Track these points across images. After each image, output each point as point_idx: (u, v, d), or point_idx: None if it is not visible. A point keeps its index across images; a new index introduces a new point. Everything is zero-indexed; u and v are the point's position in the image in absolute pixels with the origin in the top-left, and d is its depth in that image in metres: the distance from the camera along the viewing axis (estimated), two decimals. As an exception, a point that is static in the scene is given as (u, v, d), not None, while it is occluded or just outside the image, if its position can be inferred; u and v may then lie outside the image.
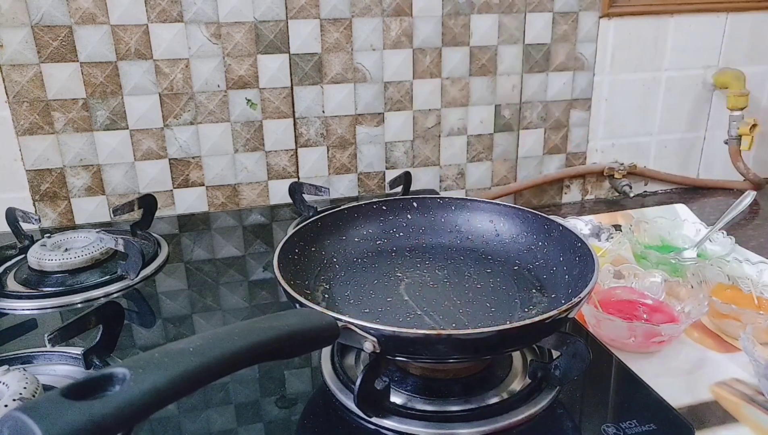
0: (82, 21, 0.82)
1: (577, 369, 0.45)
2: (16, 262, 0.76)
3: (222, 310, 0.66)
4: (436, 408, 0.48)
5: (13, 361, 0.54)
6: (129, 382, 0.27)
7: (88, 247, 0.73)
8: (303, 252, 0.58)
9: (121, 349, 0.57)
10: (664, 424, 0.46)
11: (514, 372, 0.52)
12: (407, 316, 0.52)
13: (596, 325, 0.60)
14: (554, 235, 0.58)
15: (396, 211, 0.66)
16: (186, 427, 0.47)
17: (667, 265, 0.72)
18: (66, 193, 0.90)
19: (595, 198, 1.15)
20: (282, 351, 0.35)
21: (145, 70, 0.87)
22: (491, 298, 0.55)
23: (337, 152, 0.99)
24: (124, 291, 0.69)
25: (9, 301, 0.66)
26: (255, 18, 0.88)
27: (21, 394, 0.44)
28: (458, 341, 0.41)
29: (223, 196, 0.97)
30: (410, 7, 0.93)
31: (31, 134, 0.85)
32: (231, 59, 0.89)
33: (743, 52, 1.10)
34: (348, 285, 0.58)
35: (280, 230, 0.89)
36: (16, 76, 0.82)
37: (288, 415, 0.49)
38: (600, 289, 0.65)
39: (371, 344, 0.41)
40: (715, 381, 0.55)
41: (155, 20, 0.85)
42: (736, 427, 0.49)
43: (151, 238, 0.81)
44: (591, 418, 0.48)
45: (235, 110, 0.92)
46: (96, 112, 0.87)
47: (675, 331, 0.58)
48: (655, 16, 1.04)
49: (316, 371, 0.53)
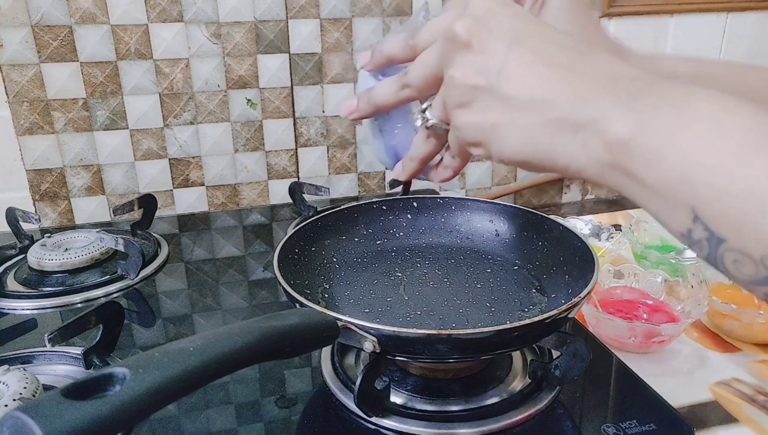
0: (82, 21, 0.82)
1: (577, 369, 0.45)
2: (16, 262, 0.76)
3: (222, 310, 0.66)
4: (436, 408, 0.48)
5: (13, 361, 0.54)
6: (129, 382, 0.27)
7: (88, 247, 0.73)
8: (303, 252, 0.58)
9: (121, 349, 0.57)
10: (664, 424, 0.46)
11: (514, 372, 0.52)
12: (407, 316, 0.52)
13: (596, 325, 0.60)
14: (554, 235, 0.58)
15: (396, 211, 0.66)
16: (186, 427, 0.47)
17: (667, 265, 0.72)
18: (66, 193, 0.90)
19: (595, 198, 1.15)
20: (282, 351, 0.35)
21: (145, 70, 0.87)
22: (491, 298, 0.55)
23: (338, 152, 0.99)
24: (124, 291, 0.69)
25: (9, 301, 0.66)
26: (255, 18, 0.88)
27: (21, 394, 0.44)
28: (458, 341, 0.41)
29: (223, 196, 0.97)
30: (410, 7, 0.93)
31: (31, 134, 0.85)
32: (231, 59, 0.89)
33: (743, 52, 1.10)
34: (348, 285, 0.58)
35: (280, 230, 0.89)
36: (16, 75, 0.82)
37: (288, 415, 0.49)
38: (600, 289, 0.65)
39: (371, 344, 0.41)
40: (715, 381, 0.55)
41: (155, 20, 0.85)
42: (736, 427, 0.49)
43: (151, 238, 0.81)
44: (591, 418, 0.48)
45: (235, 110, 0.92)
46: (96, 112, 0.87)
47: (675, 331, 0.58)
48: (655, 16, 1.04)
49: (316, 371, 0.53)
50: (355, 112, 0.41)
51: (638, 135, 0.29)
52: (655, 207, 0.29)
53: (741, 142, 0.26)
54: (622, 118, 0.29)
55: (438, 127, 0.38)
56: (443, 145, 0.41)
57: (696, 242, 0.28)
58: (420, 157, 0.42)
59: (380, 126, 0.43)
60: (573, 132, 0.31)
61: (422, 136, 0.40)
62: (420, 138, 0.41)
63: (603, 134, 0.30)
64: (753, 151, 0.25)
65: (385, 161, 0.46)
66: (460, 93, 0.34)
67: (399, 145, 0.43)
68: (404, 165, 0.43)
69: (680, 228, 0.28)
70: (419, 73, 0.37)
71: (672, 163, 0.27)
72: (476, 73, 0.33)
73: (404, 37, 0.39)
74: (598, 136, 0.30)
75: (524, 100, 0.32)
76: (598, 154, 0.30)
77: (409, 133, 0.43)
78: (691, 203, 0.27)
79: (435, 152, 0.41)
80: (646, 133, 0.28)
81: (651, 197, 0.29)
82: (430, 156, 0.42)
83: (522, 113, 0.33)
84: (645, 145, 0.28)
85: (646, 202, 0.30)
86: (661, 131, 0.28)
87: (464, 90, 0.34)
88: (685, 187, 0.27)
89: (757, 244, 0.25)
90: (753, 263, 0.26)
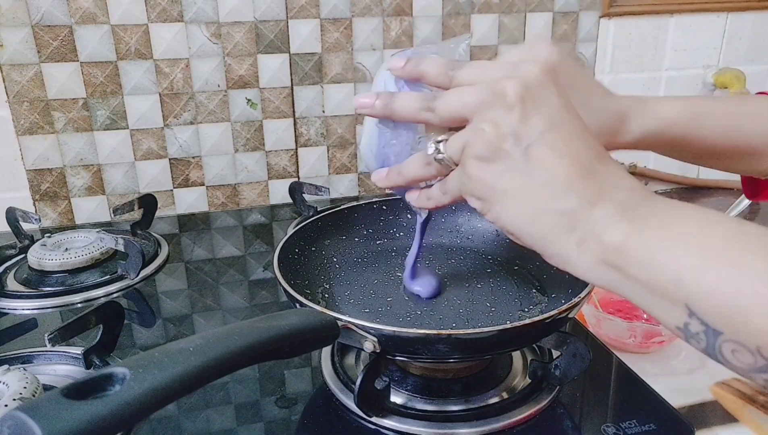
0: (82, 21, 0.82)
1: (577, 369, 0.45)
2: (16, 261, 0.76)
3: (222, 310, 0.66)
4: (436, 408, 0.48)
5: (13, 360, 0.54)
6: (129, 382, 0.27)
7: (88, 247, 0.73)
8: (303, 252, 0.58)
9: (121, 349, 0.57)
10: (664, 424, 0.46)
11: (514, 372, 0.52)
12: (407, 316, 0.52)
13: (596, 325, 0.60)
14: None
15: (396, 211, 0.66)
16: (186, 427, 0.47)
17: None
18: (66, 192, 0.90)
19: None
20: (282, 351, 0.35)
21: (145, 70, 0.87)
22: (491, 298, 0.55)
23: (338, 152, 0.99)
24: (124, 291, 0.69)
25: (9, 301, 0.66)
26: (255, 18, 0.88)
27: (21, 394, 0.44)
28: (458, 341, 0.41)
29: (223, 196, 0.97)
30: (410, 7, 0.93)
31: (31, 134, 0.85)
32: (231, 59, 0.89)
33: (743, 52, 1.10)
34: (348, 285, 0.58)
35: (280, 230, 0.89)
36: (16, 75, 0.82)
37: (288, 415, 0.49)
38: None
39: (371, 344, 0.41)
40: (715, 381, 0.55)
41: (155, 20, 0.85)
42: (736, 427, 0.49)
43: (151, 237, 0.81)
44: (591, 417, 0.48)
45: (236, 110, 0.92)
46: (96, 111, 0.87)
47: (675, 331, 0.58)
48: (655, 15, 1.04)
49: (316, 371, 0.53)
50: (369, 108, 0.41)
51: (633, 240, 0.32)
52: (648, 303, 0.32)
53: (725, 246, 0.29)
54: (619, 224, 0.32)
55: (447, 163, 0.38)
56: (437, 177, 0.41)
57: (693, 335, 0.30)
58: (410, 176, 0.42)
59: (382, 129, 0.43)
60: (573, 227, 0.33)
61: (423, 160, 0.40)
62: (419, 161, 0.41)
63: (600, 236, 0.32)
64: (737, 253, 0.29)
65: (369, 162, 0.46)
66: (485, 148, 0.35)
67: (391, 154, 0.43)
68: (389, 174, 0.43)
69: (677, 322, 0.31)
70: (450, 108, 0.37)
71: (664, 265, 0.30)
72: (508, 138, 0.34)
73: (445, 63, 0.39)
74: (595, 237, 0.33)
75: (542, 182, 0.34)
76: (593, 252, 0.33)
77: (407, 147, 0.43)
78: (685, 300, 0.30)
79: (427, 179, 0.42)
80: (640, 239, 0.31)
81: (646, 295, 0.32)
82: (420, 180, 0.42)
83: (534, 193, 0.34)
84: (639, 249, 0.31)
85: (640, 298, 0.32)
86: (653, 237, 0.31)
87: (490, 147, 0.35)
88: (678, 286, 0.30)
89: (752, 336, 0.27)
90: (750, 353, 0.28)
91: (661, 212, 0.32)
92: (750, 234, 0.29)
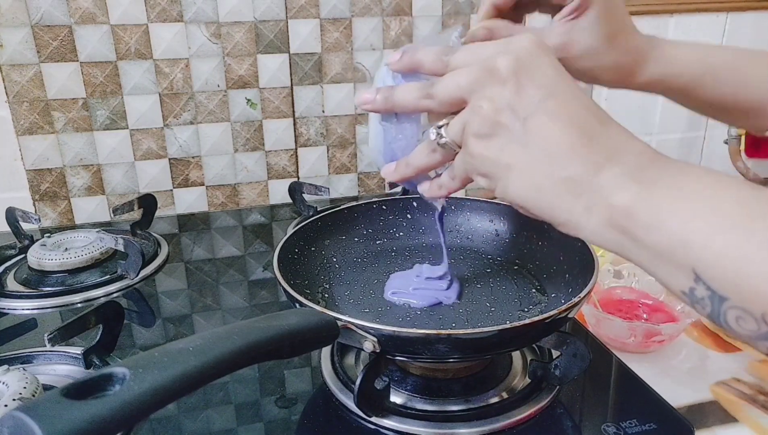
0: (82, 21, 0.82)
1: (577, 369, 0.45)
2: (16, 261, 0.76)
3: (222, 310, 0.66)
4: (436, 408, 0.48)
5: (13, 360, 0.54)
6: (129, 382, 0.27)
7: (88, 247, 0.73)
8: (303, 252, 0.58)
9: (121, 348, 0.57)
10: (664, 424, 0.46)
11: (514, 372, 0.52)
12: (407, 316, 0.52)
13: (596, 325, 0.60)
14: (554, 235, 0.58)
15: (396, 211, 0.66)
16: (186, 427, 0.47)
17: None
18: (66, 192, 0.90)
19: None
20: (282, 351, 0.35)
21: (145, 70, 0.87)
22: (491, 298, 0.55)
23: (337, 152, 0.99)
24: (124, 291, 0.69)
25: (9, 301, 0.66)
26: (255, 18, 0.88)
27: (21, 394, 0.44)
28: (458, 341, 0.41)
29: (223, 196, 0.97)
30: (410, 7, 0.93)
31: (31, 134, 0.85)
32: (231, 59, 0.89)
33: (743, 52, 1.10)
34: (348, 285, 0.58)
35: (280, 230, 0.89)
36: (15, 75, 0.82)
37: (288, 415, 0.49)
38: (600, 289, 0.65)
39: (371, 344, 0.41)
40: (715, 381, 0.55)
41: (155, 20, 0.85)
42: (736, 427, 0.49)
43: (151, 237, 0.81)
44: (591, 417, 0.48)
45: (235, 110, 0.92)
46: (96, 111, 0.87)
47: (675, 330, 0.58)
48: (655, 15, 1.04)
49: (316, 371, 0.53)
50: (371, 104, 0.42)
51: (641, 203, 0.31)
52: (654, 267, 0.32)
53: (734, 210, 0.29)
54: (627, 187, 0.32)
55: (450, 146, 0.38)
56: (444, 163, 0.41)
57: (699, 300, 0.30)
58: (418, 165, 0.42)
59: (386, 126, 0.44)
60: (579, 193, 0.33)
61: (428, 148, 0.40)
62: (424, 149, 0.41)
63: (608, 200, 0.32)
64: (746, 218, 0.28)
65: (378, 160, 0.46)
66: (484, 124, 0.35)
67: (398, 148, 0.44)
68: (397, 167, 0.44)
69: (682, 287, 0.30)
70: (447, 90, 0.37)
71: (672, 229, 0.30)
72: (505, 111, 0.34)
73: (439, 51, 0.39)
74: (603, 201, 0.32)
75: (543, 152, 0.34)
76: (601, 216, 0.32)
77: (412, 140, 0.43)
78: (692, 265, 0.29)
79: (434, 166, 0.42)
80: (649, 201, 0.31)
81: (652, 259, 0.31)
82: (428, 168, 0.42)
83: (537, 163, 0.34)
84: (647, 212, 0.31)
85: (646, 262, 0.32)
86: (662, 200, 0.31)
87: (488, 123, 0.35)
88: (685, 250, 0.29)
89: (758, 303, 0.27)
90: (754, 320, 0.28)
91: (670, 174, 0.32)
92: (763, 199, 0.29)
